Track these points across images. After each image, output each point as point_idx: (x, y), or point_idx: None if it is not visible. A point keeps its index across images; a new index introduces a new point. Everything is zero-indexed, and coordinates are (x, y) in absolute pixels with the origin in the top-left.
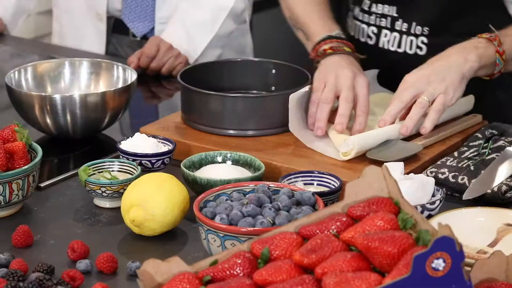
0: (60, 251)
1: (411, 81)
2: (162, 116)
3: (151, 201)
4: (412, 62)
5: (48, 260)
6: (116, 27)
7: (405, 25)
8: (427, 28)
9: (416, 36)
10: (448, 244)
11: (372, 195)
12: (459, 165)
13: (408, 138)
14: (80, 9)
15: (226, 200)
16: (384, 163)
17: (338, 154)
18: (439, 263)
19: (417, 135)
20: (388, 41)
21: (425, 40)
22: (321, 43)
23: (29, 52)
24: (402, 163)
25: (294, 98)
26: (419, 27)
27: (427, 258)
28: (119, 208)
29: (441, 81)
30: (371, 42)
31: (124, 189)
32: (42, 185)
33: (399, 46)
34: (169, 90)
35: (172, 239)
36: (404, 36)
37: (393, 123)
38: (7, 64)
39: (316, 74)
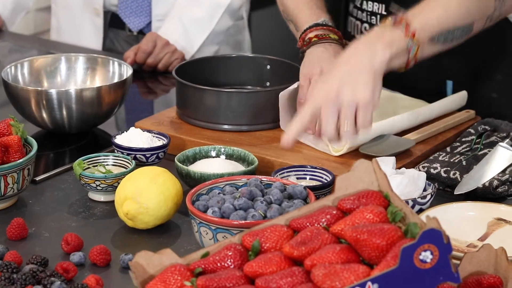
0: (54, 243)
1: (317, 95)
2: (158, 111)
3: (145, 195)
4: None
5: (42, 252)
6: (112, 21)
7: None
8: None
9: None
10: (435, 237)
11: (362, 188)
12: (451, 160)
13: (401, 134)
14: (78, 4)
15: (219, 193)
16: (375, 157)
17: (330, 147)
18: (426, 255)
19: (410, 130)
20: None
21: None
22: (306, 31)
23: (28, 48)
24: (393, 158)
25: (283, 96)
26: None
27: (415, 250)
28: (113, 201)
29: (353, 86)
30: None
31: (118, 183)
32: (37, 179)
33: None
34: (165, 86)
35: (165, 232)
36: None
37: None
38: (5, 59)
39: (301, 67)
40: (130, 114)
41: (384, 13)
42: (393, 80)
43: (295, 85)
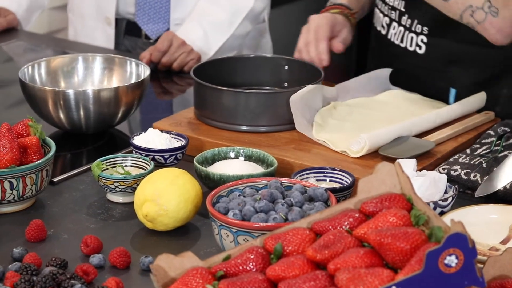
0: (73, 245)
1: None
2: (174, 112)
3: (164, 196)
4: (412, 59)
5: (62, 254)
6: (128, 29)
7: (409, 21)
8: (427, 28)
9: (417, 34)
10: (460, 241)
11: (385, 191)
12: (472, 162)
13: (420, 135)
14: (91, 13)
15: (239, 195)
16: (395, 159)
17: (349, 149)
18: (451, 260)
19: (429, 131)
20: (395, 34)
21: (424, 39)
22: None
23: (43, 47)
24: (414, 160)
25: (295, 99)
26: (419, 26)
27: (440, 255)
28: (132, 203)
29: None
30: (383, 32)
31: (137, 184)
32: (55, 179)
33: (401, 41)
34: (180, 86)
35: (185, 234)
36: (407, 32)
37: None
38: (21, 58)
39: None
40: (146, 114)
41: (403, 9)
42: (394, 72)
43: (305, 89)
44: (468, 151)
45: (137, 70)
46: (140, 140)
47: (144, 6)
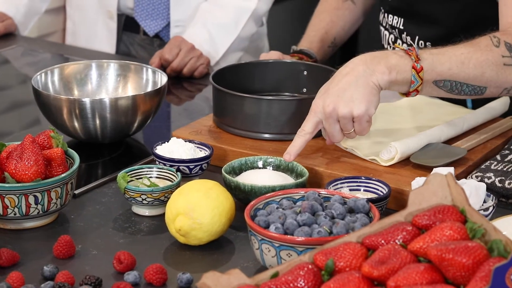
0: (104, 262)
1: (317, 108)
2: (188, 119)
3: (198, 210)
4: None
5: (93, 271)
6: (127, 25)
7: (408, 38)
8: (429, 43)
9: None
10: None
11: (436, 203)
12: (505, 169)
13: (447, 142)
14: (92, 7)
15: (277, 208)
16: (430, 168)
17: (379, 157)
18: None
19: (456, 138)
20: None
21: None
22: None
23: (42, 52)
24: (452, 168)
25: None
26: (422, 42)
27: (507, 270)
28: (159, 216)
29: (348, 102)
30: (390, 50)
31: (165, 197)
32: (76, 192)
33: None
34: (191, 92)
35: (219, 248)
36: None
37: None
38: (18, 62)
39: None
40: (159, 122)
41: (402, 27)
42: None
43: None
44: (498, 157)
45: (153, 78)
46: (163, 150)
47: (143, 1)
